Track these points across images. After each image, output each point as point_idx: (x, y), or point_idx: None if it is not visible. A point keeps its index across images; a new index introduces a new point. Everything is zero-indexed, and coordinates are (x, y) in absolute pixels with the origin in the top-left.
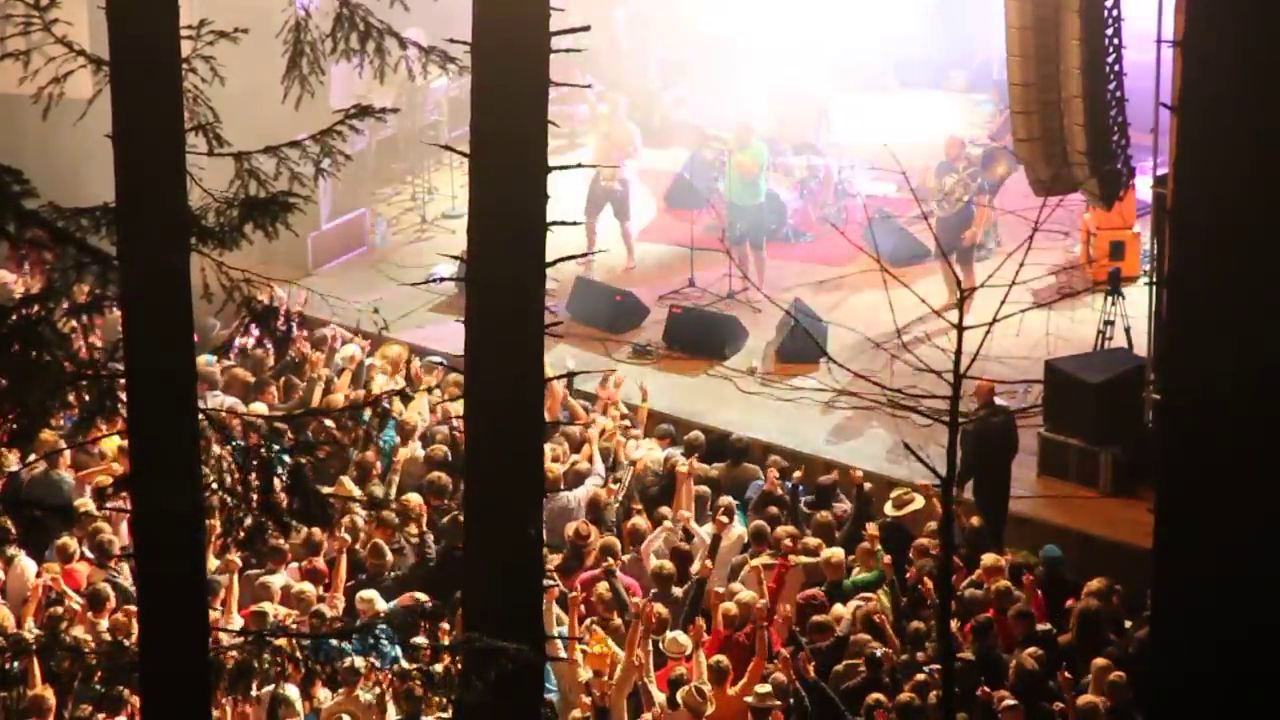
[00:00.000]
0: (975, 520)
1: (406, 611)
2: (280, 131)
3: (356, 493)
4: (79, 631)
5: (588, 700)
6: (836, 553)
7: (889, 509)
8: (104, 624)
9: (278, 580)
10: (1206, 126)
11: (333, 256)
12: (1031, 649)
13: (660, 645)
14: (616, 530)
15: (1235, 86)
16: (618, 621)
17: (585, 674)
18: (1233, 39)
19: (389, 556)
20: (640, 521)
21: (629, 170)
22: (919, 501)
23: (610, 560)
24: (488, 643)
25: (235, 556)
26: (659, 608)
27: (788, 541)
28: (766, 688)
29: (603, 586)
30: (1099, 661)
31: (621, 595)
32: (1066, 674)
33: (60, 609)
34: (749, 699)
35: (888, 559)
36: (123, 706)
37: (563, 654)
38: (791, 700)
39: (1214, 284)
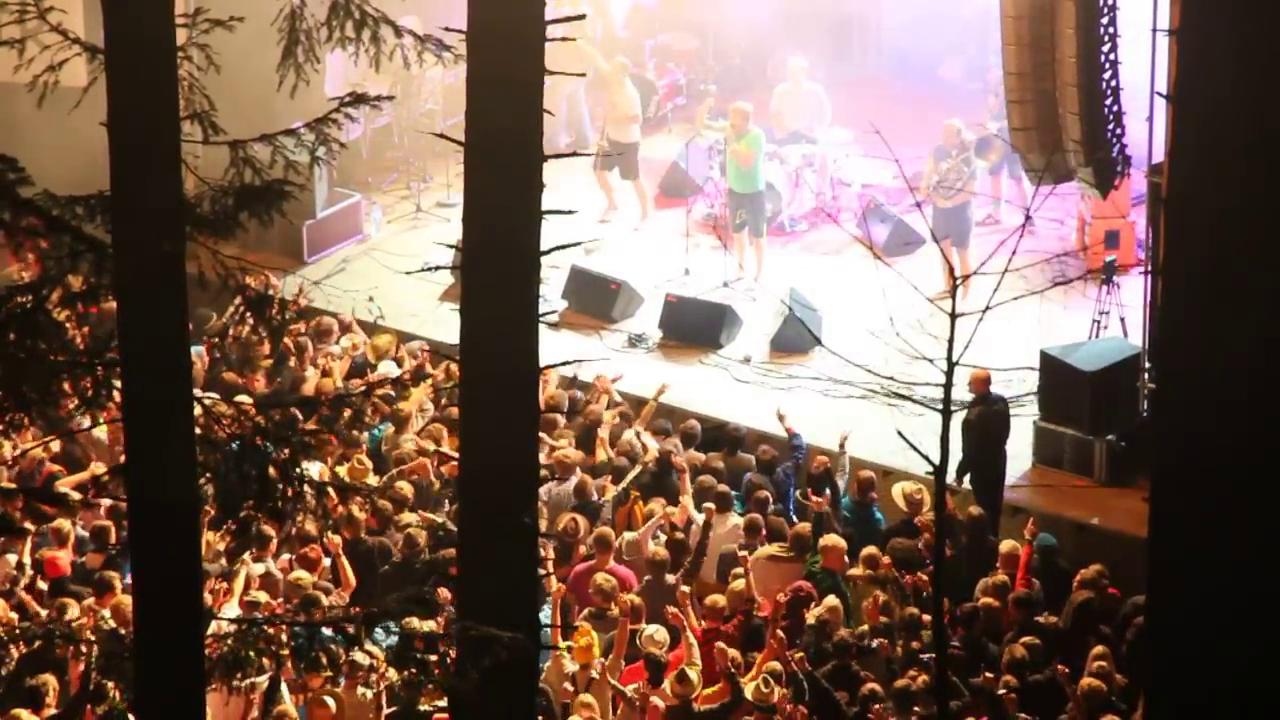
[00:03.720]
0: (974, 510)
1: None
2: (276, 120)
3: (373, 478)
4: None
5: (569, 689)
6: (835, 539)
7: (899, 503)
8: (105, 612)
9: (258, 568)
10: (1202, 115)
11: (328, 245)
12: (1025, 639)
13: (637, 640)
14: (612, 521)
15: (1231, 75)
16: (615, 611)
17: (571, 667)
18: (1229, 27)
19: (423, 543)
20: (637, 510)
21: (635, 133)
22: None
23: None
24: (482, 631)
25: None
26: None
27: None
28: (764, 686)
29: (600, 578)
30: (1097, 650)
31: None
32: (1063, 666)
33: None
34: (748, 693)
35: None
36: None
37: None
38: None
39: (1209, 273)
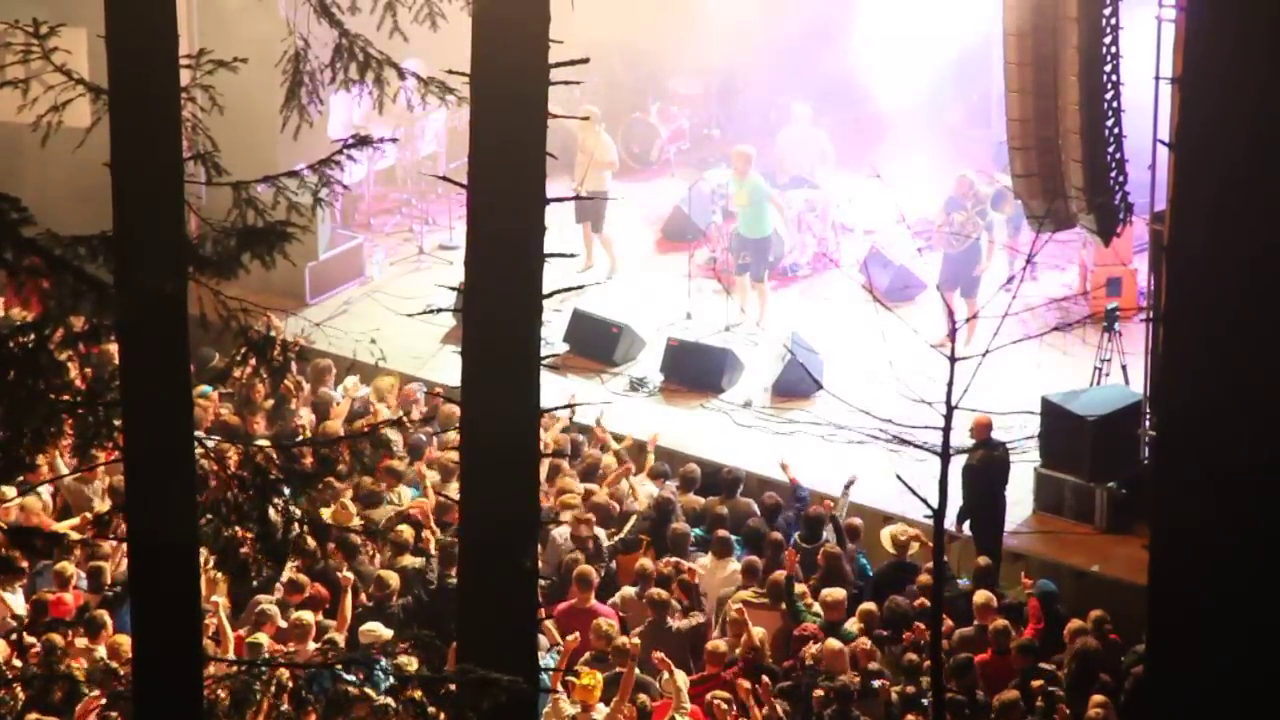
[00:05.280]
0: (982, 560)
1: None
2: (279, 161)
3: (356, 520)
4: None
5: None
6: (837, 592)
7: (887, 545)
8: (100, 651)
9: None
10: (1204, 163)
11: (330, 287)
12: (1031, 684)
13: (659, 684)
14: (610, 568)
15: (1233, 123)
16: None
17: (572, 709)
18: (1230, 76)
19: (394, 585)
20: (647, 562)
21: (608, 181)
22: (912, 530)
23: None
24: (481, 674)
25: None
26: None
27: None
28: None
29: (603, 622)
30: (1097, 698)
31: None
32: (1065, 709)
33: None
34: None
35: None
36: None
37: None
38: None
39: (1210, 320)
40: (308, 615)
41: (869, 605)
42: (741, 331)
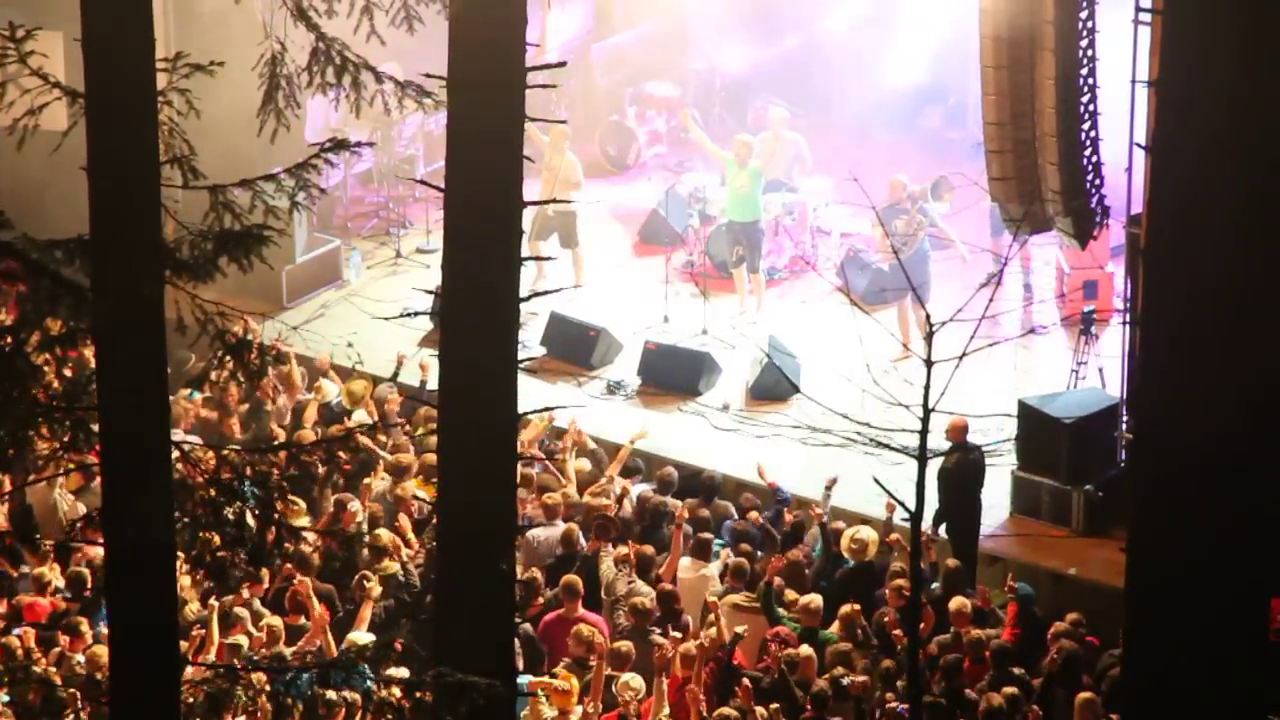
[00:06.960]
0: (951, 562)
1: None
2: (256, 165)
3: (305, 520)
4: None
5: None
6: (815, 599)
7: (847, 554)
8: (79, 656)
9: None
10: (1180, 166)
11: (307, 290)
12: (1005, 690)
13: (614, 687)
14: (588, 568)
15: (1209, 127)
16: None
17: (549, 713)
18: (1207, 80)
19: (371, 587)
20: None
21: (575, 199)
22: (868, 533)
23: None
24: (458, 677)
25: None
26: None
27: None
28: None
29: (583, 627)
30: (1083, 697)
31: None
32: (1038, 710)
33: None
34: None
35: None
36: None
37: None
38: None
39: (1186, 323)
40: (277, 621)
41: (848, 608)
42: (743, 323)
